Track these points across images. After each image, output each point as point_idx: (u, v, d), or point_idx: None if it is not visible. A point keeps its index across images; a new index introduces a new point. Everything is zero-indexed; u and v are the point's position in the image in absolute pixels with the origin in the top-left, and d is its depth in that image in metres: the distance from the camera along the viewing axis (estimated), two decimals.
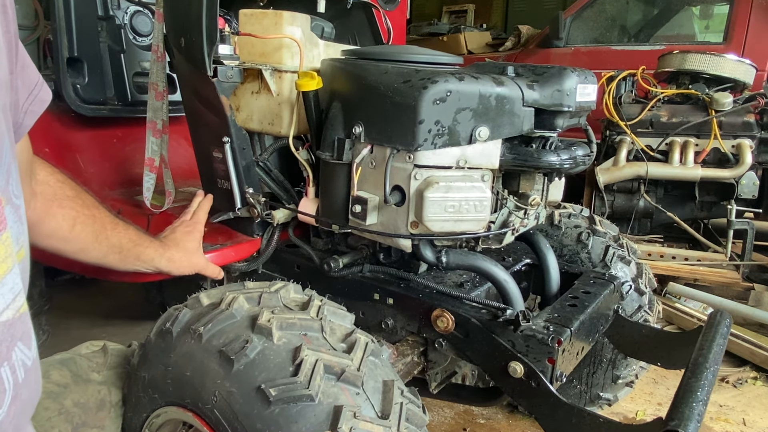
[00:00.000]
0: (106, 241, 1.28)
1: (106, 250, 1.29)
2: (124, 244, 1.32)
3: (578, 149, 1.43)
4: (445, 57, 1.56)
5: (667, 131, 3.55)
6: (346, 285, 1.57)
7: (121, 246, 1.32)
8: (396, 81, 1.32)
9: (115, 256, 1.31)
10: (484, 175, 1.34)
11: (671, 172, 3.49)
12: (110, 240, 1.29)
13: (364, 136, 1.39)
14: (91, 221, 1.25)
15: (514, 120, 1.33)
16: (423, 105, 1.26)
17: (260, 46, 1.66)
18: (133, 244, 1.34)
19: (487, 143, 1.32)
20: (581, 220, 2.11)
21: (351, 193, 1.40)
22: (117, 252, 1.31)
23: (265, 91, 1.67)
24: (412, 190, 1.31)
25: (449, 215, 1.29)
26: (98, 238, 1.26)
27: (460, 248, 1.47)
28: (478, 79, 1.29)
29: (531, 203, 1.44)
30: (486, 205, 1.31)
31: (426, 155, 1.30)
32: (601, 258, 2.01)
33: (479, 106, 1.29)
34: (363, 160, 1.40)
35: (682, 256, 3.35)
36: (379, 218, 1.40)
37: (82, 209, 1.23)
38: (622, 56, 4.94)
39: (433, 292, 1.46)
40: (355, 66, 1.46)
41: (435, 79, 1.26)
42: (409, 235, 1.35)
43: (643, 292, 2.00)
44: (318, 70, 1.59)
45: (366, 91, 1.39)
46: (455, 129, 1.29)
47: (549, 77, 1.33)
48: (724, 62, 3.55)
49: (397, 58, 1.49)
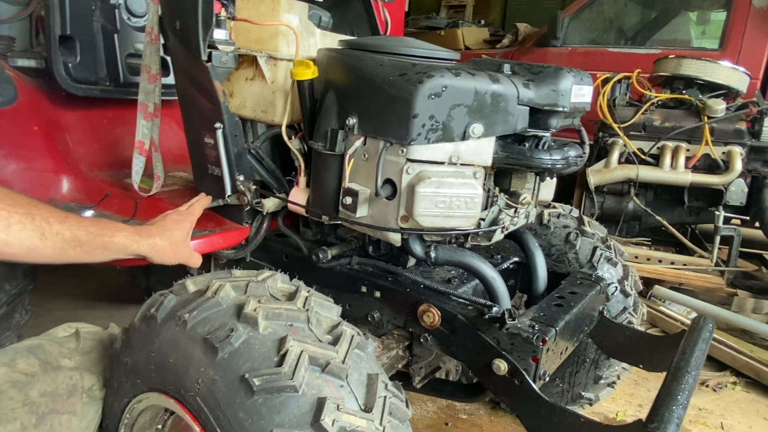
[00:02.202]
0: (57, 237, 1.22)
1: (61, 246, 1.22)
2: (81, 237, 1.26)
3: (571, 150, 1.43)
4: (442, 52, 1.55)
5: (660, 135, 3.57)
6: (334, 276, 1.57)
7: (78, 239, 1.25)
8: (392, 74, 1.31)
9: (74, 250, 1.25)
10: (476, 172, 1.34)
11: (661, 177, 3.51)
12: (62, 235, 1.23)
13: (358, 128, 1.38)
14: (30, 219, 1.18)
15: (509, 118, 1.33)
16: (418, 99, 1.25)
17: (256, 32, 1.65)
18: (93, 235, 1.28)
19: (481, 140, 1.32)
20: (570, 220, 2.12)
21: (342, 185, 1.40)
22: (75, 245, 1.25)
23: (259, 78, 1.65)
24: (404, 184, 1.31)
25: (440, 211, 1.29)
26: (45, 235, 1.20)
27: (450, 244, 1.47)
28: (474, 76, 1.28)
29: (522, 202, 1.44)
30: (477, 202, 1.31)
31: (419, 150, 1.30)
32: (588, 259, 2.02)
33: (474, 102, 1.29)
34: (356, 152, 1.39)
35: (668, 260, 3.38)
36: (370, 211, 1.40)
37: (15, 208, 1.16)
38: (618, 58, 4.95)
39: (421, 287, 1.46)
40: (352, 57, 1.45)
41: (431, 74, 1.26)
42: (399, 229, 1.35)
43: (629, 294, 2.01)
44: (314, 59, 1.58)
45: (361, 83, 1.38)
46: (449, 124, 1.29)
47: (545, 77, 1.33)
48: (718, 69, 3.57)
49: (395, 50, 1.48)
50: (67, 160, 2.12)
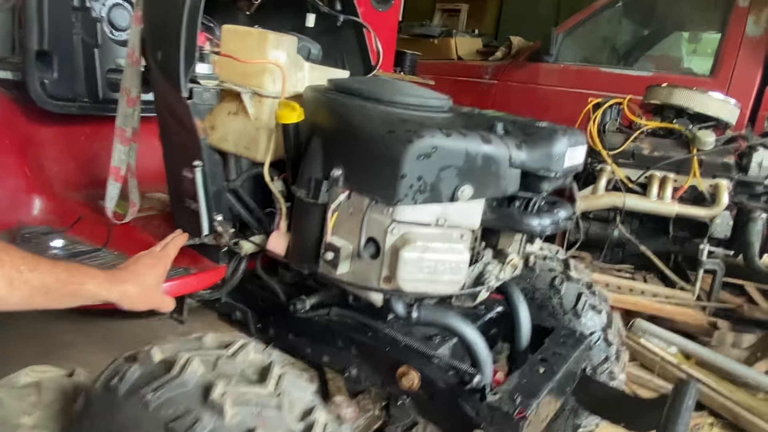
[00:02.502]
0: (26, 285, 1.14)
1: (28, 294, 1.14)
2: (51, 284, 1.19)
3: (561, 211, 1.39)
4: (435, 99, 1.49)
5: (648, 164, 3.55)
6: (311, 327, 1.52)
7: (47, 286, 1.18)
8: (381, 129, 1.25)
9: (42, 297, 1.18)
10: (463, 234, 1.29)
11: (648, 206, 3.50)
12: (31, 283, 1.15)
13: (343, 181, 1.32)
14: None
15: (499, 181, 1.28)
16: (406, 159, 1.20)
17: (241, 66, 1.58)
18: (63, 283, 1.21)
19: (470, 203, 1.27)
20: (556, 263, 2.08)
21: (324, 239, 1.34)
22: (44, 293, 1.18)
23: (242, 114, 1.58)
24: (388, 244, 1.26)
25: (424, 276, 1.24)
26: (13, 284, 1.12)
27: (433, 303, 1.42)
28: (465, 136, 1.23)
29: (508, 262, 1.39)
30: (462, 268, 1.26)
31: (405, 210, 1.25)
32: (572, 305, 1.99)
33: (465, 164, 1.23)
34: (340, 206, 1.33)
35: (650, 292, 3.36)
36: (352, 267, 1.34)
37: None
38: (610, 79, 4.93)
39: (401, 346, 1.41)
40: (339, 104, 1.39)
41: (421, 134, 1.20)
42: (380, 289, 1.30)
43: (612, 343, 1.98)
44: (301, 95, 1.52)
45: (348, 135, 1.32)
46: (438, 186, 1.23)
47: (539, 139, 1.28)
48: (709, 101, 3.56)
49: (385, 98, 1.42)
50: (40, 179, 2.04)
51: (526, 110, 5.28)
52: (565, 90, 5.08)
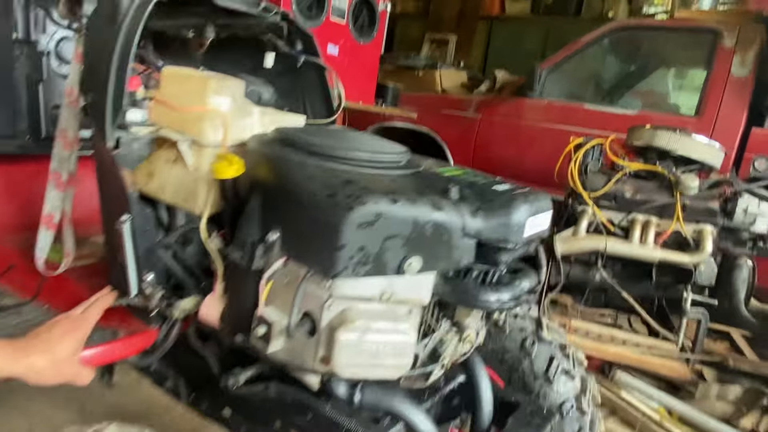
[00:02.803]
0: None
1: None
2: None
3: (524, 281, 1.25)
4: (388, 153, 1.36)
5: (630, 208, 3.44)
6: (247, 403, 1.36)
7: None
8: (320, 191, 1.12)
9: None
10: (411, 310, 1.15)
11: (630, 251, 3.37)
12: None
13: (280, 246, 1.18)
14: None
15: (452, 252, 1.14)
16: (346, 228, 1.06)
17: (182, 114, 1.44)
18: None
19: (418, 276, 1.13)
20: (528, 322, 1.94)
21: (256, 311, 1.19)
22: None
23: (182, 162, 1.45)
24: (324, 322, 1.11)
25: (364, 360, 1.09)
26: None
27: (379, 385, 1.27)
28: (414, 203, 1.10)
29: (465, 339, 1.25)
30: (408, 352, 1.12)
31: (345, 284, 1.10)
32: (544, 370, 1.84)
33: (412, 233, 1.10)
34: (275, 274, 1.19)
35: (632, 342, 3.22)
36: (287, 344, 1.19)
37: None
38: (594, 116, 4.85)
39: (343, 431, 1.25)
40: (279, 159, 1.26)
41: (364, 200, 1.07)
42: (316, 371, 1.15)
43: (585, 412, 1.83)
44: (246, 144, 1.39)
45: (286, 194, 1.19)
46: (382, 257, 1.10)
47: (497, 206, 1.15)
48: (693, 144, 3.47)
49: (332, 152, 1.29)
50: None
51: (510, 145, 5.20)
52: (549, 126, 5.00)
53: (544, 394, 1.83)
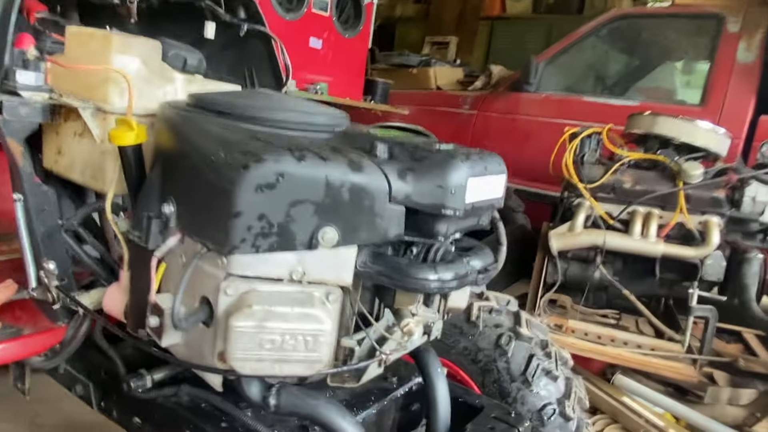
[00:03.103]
0: None
1: None
2: None
3: (475, 259, 1.05)
4: (319, 115, 1.17)
5: (630, 199, 3.21)
6: (155, 410, 1.16)
7: None
8: (214, 150, 0.92)
9: None
10: (330, 294, 0.95)
11: (631, 245, 3.14)
12: None
13: (175, 220, 0.99)
14: None
15: (376, 221, 0.94)
16: (241, 191, 0.87)
17: (86, 77, 1.26)
18: None
19: (337, 250, 0.93)
20: (505, 317, 1.73)
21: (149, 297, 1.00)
22: None
23: (88, 135, 1.27)
24: (221, 308, 0.91)
25: (267, 354, 0.89)
26: None
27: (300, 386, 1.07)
28: (326, 161, 0.90)
29: (403, 329, 1.04)
30: (324, 342, 0.91)
31: (244, 261, 0.91)
32: (522, 370, 1.63)
33: (325, 198, 0.90)
34: (170, 253, 1.00)
35: (634, 343, 2.99)
36: (185, 337, 1.00)
37: None
38: (595, 109, 4.64)
39: None
40: (184, 120, 1.07)
41: (262, 156, 0.87)
42: (215, 369, 0.95)
43: (570, 418, 1.61)
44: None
45: (181, 158, 1.00)
46: (289, 228, 0.90)
47: (429, 166, 0.95)
48: (696, 130, 3.24)
49: (250, 113, 1.09)
50: None
51: (507, 141, 4.98)
52: (546, 120, 4.79)
53: (522, 398, 1.62)
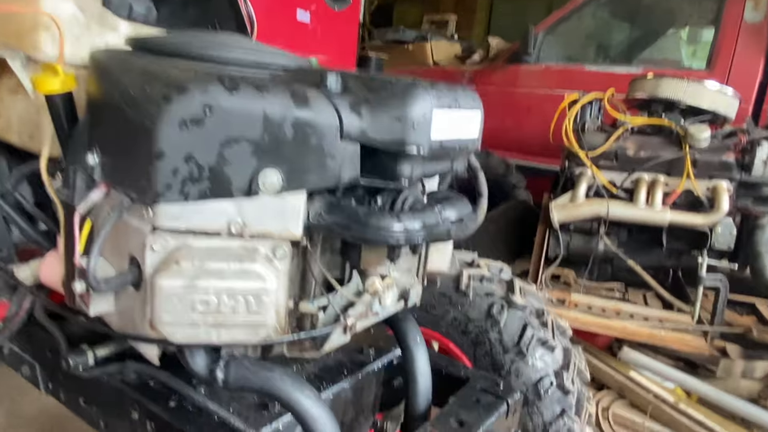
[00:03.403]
0: None
1: None
2: None
3: (449, 208, 0.92)
4: (275, 54, 1.03)
5: (634, 166, 3.05)
6: (101, 389, 1.04)
7: None
8: (134, 84, 0.79)
9: None
10: (277, 249, 0.82)
11: (635, 215, 2.99)
12: None
13: (100, 171, 0.86)
14: None
15: (326, 162, 0.81)
16: (162, 128, 0.74)
17: (15, 23, 1.14)
18: None
19: (282, 197, 0.80)
20: (497, 285, 1.60)
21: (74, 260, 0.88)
22: None
23: (22, 91, 1.14)
24: (148, 268, 0.79)
25: (200, 317, 0.77)
26: None
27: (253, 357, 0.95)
28: (263, 92, 0.77)
29: (369, 290, 0.91)
30: (268, 302, 0.79)
31: (172, 212, 0.78)
32: (515, 341, 1.50)
33: (264, 136, 0.77)
34: (94, 209, 0.87)
35: (641, 315, 2.85)
36: (117, 305, 0.87)
37: None
38: (597, 78, 4.47)
39: (212, 423, 0.93)
40: (111, 59, 0.94)
41: (186, 86, 0.74)
42: (148, 338, 0.83)
43: (569, 391, 1.49)
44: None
45: (104, 100, 0.87)
46: (222, 171, 0.77)
47: (387, 97, 0.81)
48: (702, 91, 3.07)
49: (189, 50, 0.96)
50: None
51: (506, 115, 4.82)
52: (547, 92, 4.63)
53: (517, 371, 1.49)
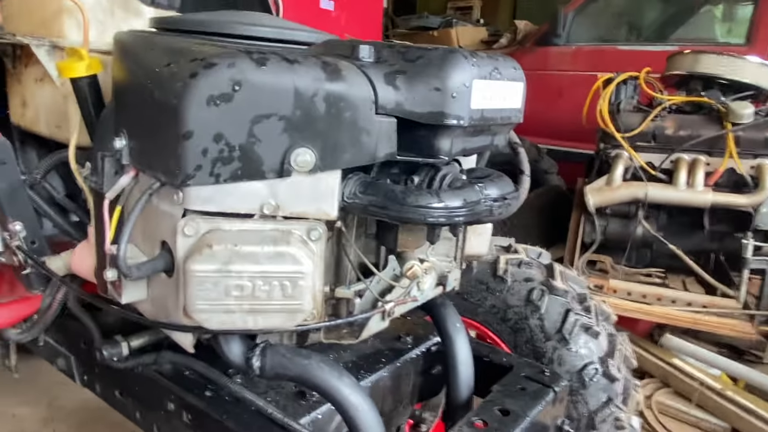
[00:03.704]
0: None
1: None
2: None
3: (491, 186, 0.87)
4: (304, 31, 1.00)
5: (673, 146, 2.94)
6: (136, 381, 1.02)
7: None
8: (159, 63, 0.76)
9: None
10: (312, 231, 0.78)
11: (676, 196, 2.89)
12: None
13: (128, 155, 0.84)
14: None
15: (361, 138, 0.77)
16: (189, 106, 0.70)
17: (40, 11, 1.12)
18: None
19: (315, 177, 0.76)
20: (536, 270, 1.54)
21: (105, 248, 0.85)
22: None
23: (48, 79, 1.13)
24: (180, 253, 0.76)
25: (235, 303, 0.73)
26: None
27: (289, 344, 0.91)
28: (293, 65, 0.73)
29: (406, 274, 0.87)
30: (305, 287, 0.75)
31: (203, 194, 0.75)
32: (557, 328, 1.45)
33: (295, 112, 0.73)
34: (124, 194, 0.85)
35: (683, 301, 2.75)
36: (150, 292, 0.85)
37: None
38: (630, 57, 4.34)
39: (249, 413, 0.90)
40: (136, 39, 0.91)
41: (212, 61, 0.71)
42: (182, 326, 0.80)
43: (615, 378, 1.43)
44: None
45: (130, 81, 0.84)
46: (253, 150, 0.73)
47: (424, 66, 0.76)
48: (743, 65, 2.95)
49: (214, 28, 0.93)
50: None
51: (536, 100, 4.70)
52: (578, 74, 4.51)
53: (560, 358, 1.43)
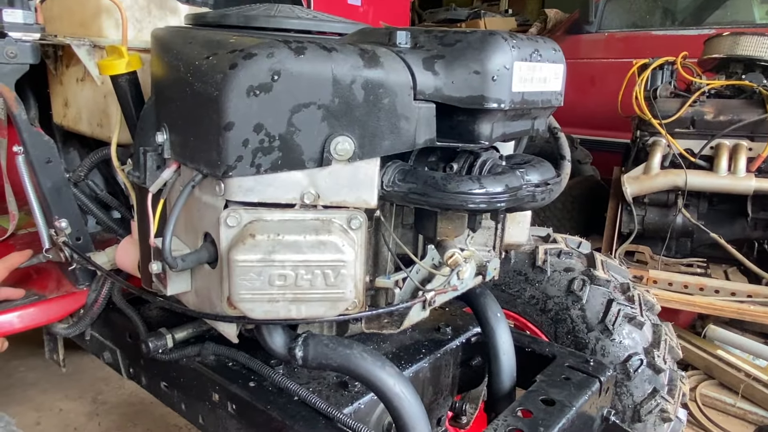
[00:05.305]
0: None
1: None
2: None
3: (532, 172, 0.85)
4: (338, 22, 1.00)
5: (713, 132, 2.86)
6: (181, 373, 1.04)
7: None
8: (198, 56, 0.77)
9: None
10: (352, 219, 0.78)
11: (717, 183, 2.80)
12: None
13: (169, 149, 0.85)
14: None
15: (400, 124, 0.76)
16: (229, 96, 0.71)
17: (79, 11, 1.14)
18: None
19: (355, 165, 0.76)
20: (576, 260, 1.52)
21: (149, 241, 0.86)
22: None
23: (89, 79, 1.15)
24: (223, 244, 0.76)
25: (278, 293, 0.74)
26: None
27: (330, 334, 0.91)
28: (331, 53, 0.72)
29: (447, 262, 0.86)
30: (347, 275, 0.75)
31: (245, 185, 0.75)
32: (600, 318, 1.42)
33: (334, 100, 0.73)
34: (167, 188, 0.86)
35: (727, 290, 2.67)
36: (195, 284, 0.86)
37: None
38: (666, 42, 4.24)
39: (292, 402, 0.91)
40: (174, 34, 0.92)
41: (251, 51, 0.71)
42: (226, 317, 0.80)
43: (661, 369, 1.39)
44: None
45: (169, 75, 0.85)
46: (293, 140, 0.73)
47: (463, 49, 0.75)
48: None
49: (249, 22, 0.94)
50: None
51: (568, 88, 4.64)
52: (611, 61, 4.42)
53: (603, 349, 1.41)
